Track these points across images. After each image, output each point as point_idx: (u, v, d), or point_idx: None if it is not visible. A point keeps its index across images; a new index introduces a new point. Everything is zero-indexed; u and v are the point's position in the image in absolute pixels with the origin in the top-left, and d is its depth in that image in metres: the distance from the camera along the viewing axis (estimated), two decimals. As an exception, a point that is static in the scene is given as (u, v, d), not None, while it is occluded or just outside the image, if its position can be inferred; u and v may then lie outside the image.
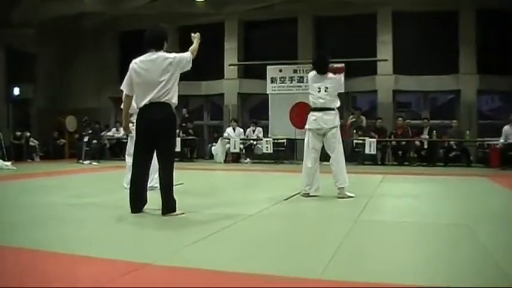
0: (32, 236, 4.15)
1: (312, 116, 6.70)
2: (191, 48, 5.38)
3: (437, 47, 16.32)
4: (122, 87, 5.40)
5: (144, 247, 3.80)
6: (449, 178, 10.22)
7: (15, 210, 5.63)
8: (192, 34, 5.60)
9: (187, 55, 5.27)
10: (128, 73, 5.28)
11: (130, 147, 7.18)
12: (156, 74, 5.08)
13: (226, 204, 6.04)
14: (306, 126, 6.79)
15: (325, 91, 6.62)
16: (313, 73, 6.81)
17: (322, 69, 6.76)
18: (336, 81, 6.77)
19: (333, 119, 6.63)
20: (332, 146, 6.64)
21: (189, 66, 5.29)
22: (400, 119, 15.34)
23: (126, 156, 7.56)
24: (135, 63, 5.22)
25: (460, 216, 5.38)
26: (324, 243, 3.92)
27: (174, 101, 5.17)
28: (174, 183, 5.15)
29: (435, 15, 16.15)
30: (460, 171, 12.18)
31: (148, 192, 5.32)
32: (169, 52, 5.28)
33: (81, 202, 6.21)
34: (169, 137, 5.21)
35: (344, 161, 6.69)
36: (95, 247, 3.76)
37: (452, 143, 14.61)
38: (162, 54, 5.18)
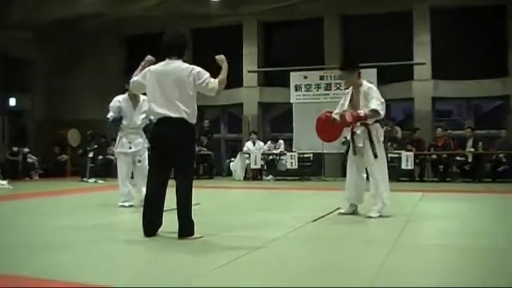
0: (29, 263, 4.17)
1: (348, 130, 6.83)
2: (219, 79, 5.24)
3: (482, 47, 16.23)
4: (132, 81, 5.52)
5: (159, 274, 3.83)
6: (498, 196, 10.16)
7: (10, 233, 5.65)
8: (216, 57, 5.43)
9: (213, 83, 5.16)
10: (142, 74, 5.35)
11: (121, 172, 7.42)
12: (170, 88, 5.11)
13: (247, 227, 6.10)
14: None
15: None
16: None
17: (348, 67, 6.93)
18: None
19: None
20: (370, 163, 6.65)
21: (210, 93, 5.22)
22: (439, 129, 15.23)
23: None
24: (150, 71, 5.27)
25: (508, 238, 5.39)
26: (360, 270, 3.94)
27: (191, 118, 5.16)
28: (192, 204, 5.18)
29: (480, 10, 16.06)
30: (511, 187, 12.09)
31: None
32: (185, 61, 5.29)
33: (86, 224, 6.25)
34: (187, 155, 5.23)
35: (383, 182, 6.61)
36: (103, 274, 3.81)
37: (500, 155, 14.50)
38: (179, 64, 5.19)
